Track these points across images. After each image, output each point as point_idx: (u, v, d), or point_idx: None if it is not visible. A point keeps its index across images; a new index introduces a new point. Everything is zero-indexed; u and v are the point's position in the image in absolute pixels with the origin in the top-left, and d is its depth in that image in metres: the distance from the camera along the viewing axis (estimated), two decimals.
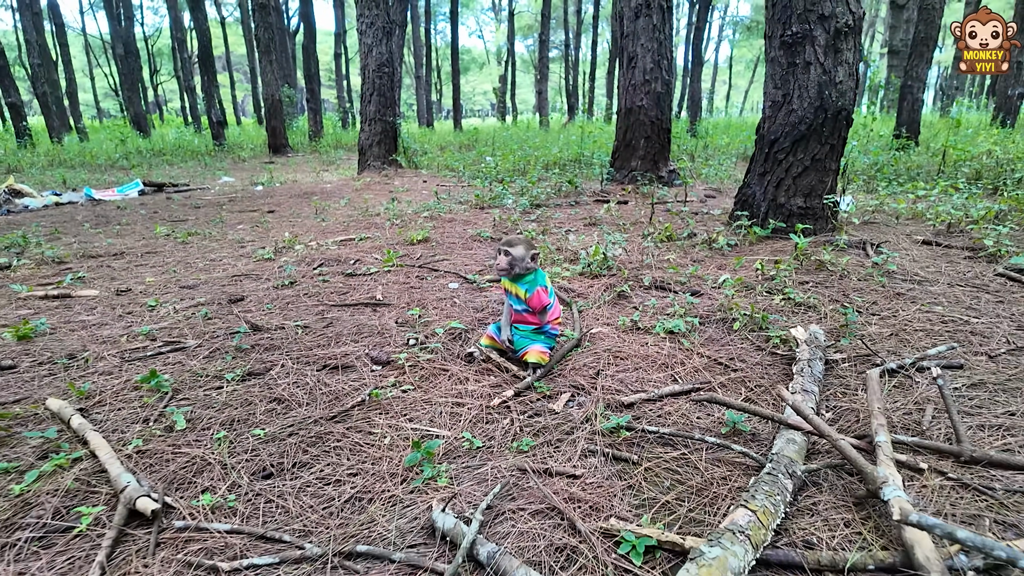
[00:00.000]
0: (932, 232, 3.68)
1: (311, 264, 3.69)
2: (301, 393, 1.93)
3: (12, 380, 2.10)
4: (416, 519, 1.32)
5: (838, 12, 3.21)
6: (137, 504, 1.34)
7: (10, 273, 3.76)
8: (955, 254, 3.25)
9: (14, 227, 5.45)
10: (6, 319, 2.79)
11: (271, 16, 14.70)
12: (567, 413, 1.78)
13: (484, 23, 67.01)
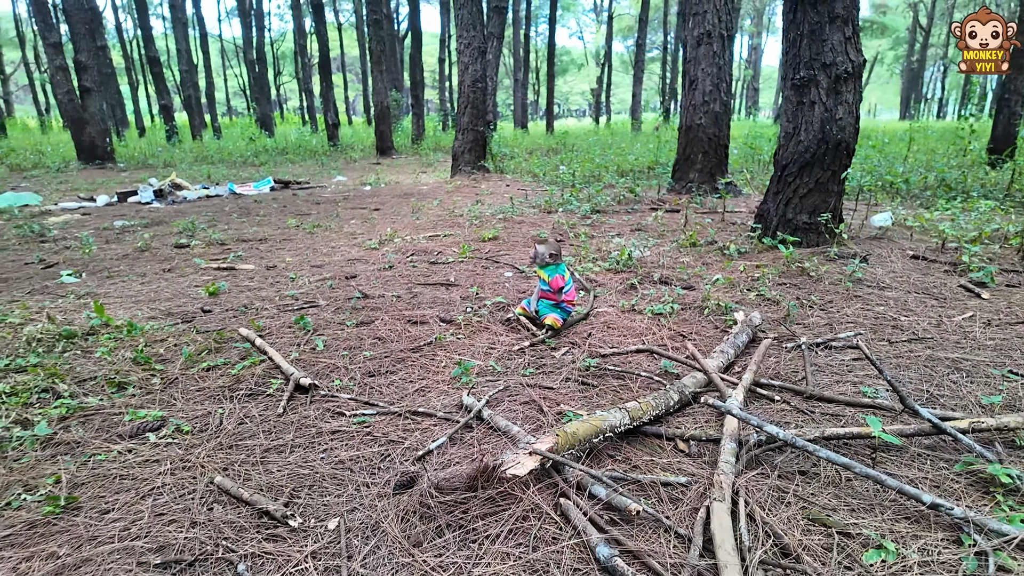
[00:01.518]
0: (928, 248, 4.18)
1: (405, 253, 4.77)
2: (393, 335, 2.94)
3: (212, 318, 3.27)
4: (453, 400, 2.27)
5: (838, 61, 3.83)
6: (300, 382, 2.38)
7: (190, 250, 5.12)
8: (936, 268, 3.79)
9: (181, 215, 6.99)
10: (198, 281, 4.05)
11: (383, 30, 16.30)
12: (561, 359, 2.67)
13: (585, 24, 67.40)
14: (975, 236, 4.10)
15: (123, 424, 2.13)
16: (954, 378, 2.33)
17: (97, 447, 2.00)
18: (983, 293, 3.27)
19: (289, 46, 48.57)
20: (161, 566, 1.45)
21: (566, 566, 1.43)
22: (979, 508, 1.58)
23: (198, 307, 3.46)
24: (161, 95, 20.91)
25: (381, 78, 16.35)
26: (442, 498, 1.62)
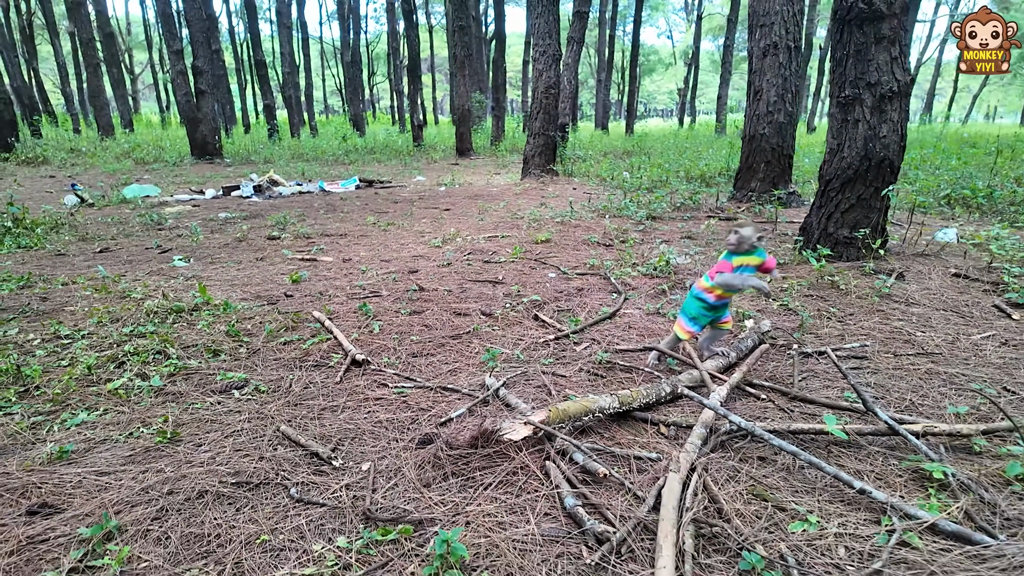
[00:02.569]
0: (976, 267, 4.15)
1: (464, 252, 5.22)
2: (438, 324, 3.38)
3: (292, 302, 3.84)
4: (478, 381, 2.67)
5: (883, 80, 3.89)
6: (356, 358, 2.86)
7: (280, 242, 5.81)
8: (975, 287, 3.79)
9: (275, 209, 7.80)
10: (284, 270, 4.67)
11: (468, 36, 16.98)
12: (580, 352, 3.00)
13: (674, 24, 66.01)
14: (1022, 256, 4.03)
15: (215, 382, 2.68)
16: (943, 391, 2.47)
17: (195, 398, 2.55)
18: (1015, 314, 3.30)
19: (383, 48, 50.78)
20: (235, 484, 1.94)
21: (539, 510, 1.79)
22: (910, 498, 1.80)
23: (282, 292, 4.05)
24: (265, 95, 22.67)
25: (464, 82, 17.04)
26: (451, 452, 2.02)
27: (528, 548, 1.63)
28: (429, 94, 59.50)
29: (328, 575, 1.53)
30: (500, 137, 20.47)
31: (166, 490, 1.90)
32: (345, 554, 1.61)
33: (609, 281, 4.18)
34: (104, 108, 19.15)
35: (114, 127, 19.84)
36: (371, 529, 1.70)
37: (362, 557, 1.60)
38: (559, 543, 1.65)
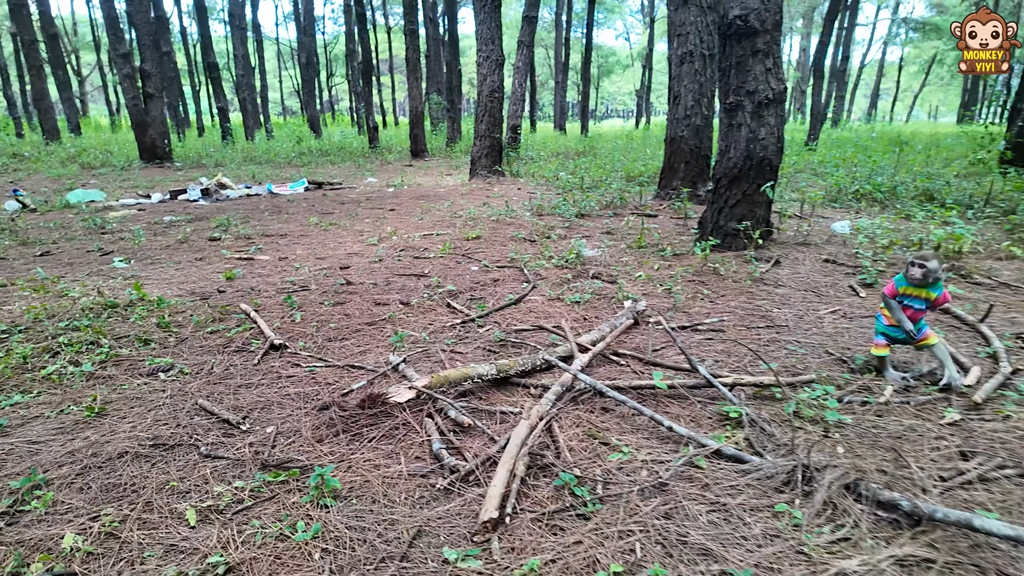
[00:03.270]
0: (848, 254, 4.68)
1: (397, 249, 5.55)
2: (358, 313, 3.72)
3: (224, 297, 4.11)
4: (384, 359, 3.02)
5: (760, 88, 4.39)
6: (274, 343, 3.18)
7: (221, 243, 6.04)
8: (840, 271, 4.31)
9: (221, 212, 7.98)
10: (221, 269, 4.92)
11: (418, 40, 17.25)
12: (482, 333, 3.38)
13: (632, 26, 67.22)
14: (887, 244, 4.58)
15: (143, 367, 2.97)
16: (775, 354, 2.93)
17: (124, 381, 2.83)
18: (862, 292, 3.81)
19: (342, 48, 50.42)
20: (152, 446, 2.25)
21: (411, 455, 2.15)
22: (709, 433, 2.22)
23: (215, 288, 4.32)
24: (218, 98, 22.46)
25: (416, 84, 17.30)
26: (342, 414, 2.37)
27: (395, 482, 2.00)
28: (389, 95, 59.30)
29: (223, 507, 1.87)
30: (456, 138, 20.77)
31: (90, 453, 2.20)
32: (240, 492, 1.94)
33: (523, 272, 4.57)
34: (49, 111, 18.77)
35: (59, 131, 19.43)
36: (265, 473, 2.03)
37: (254, 493, 1.94)
38: (422, 477, 2.02)
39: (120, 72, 14.90)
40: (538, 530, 1.73)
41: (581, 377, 2.44)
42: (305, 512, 1.83)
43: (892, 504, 1.70)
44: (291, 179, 11.94)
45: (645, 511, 1.79)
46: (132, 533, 1.74)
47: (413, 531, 1.74)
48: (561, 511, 1.81)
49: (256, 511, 1.85)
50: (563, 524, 1.76)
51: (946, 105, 68.71)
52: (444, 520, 1.79)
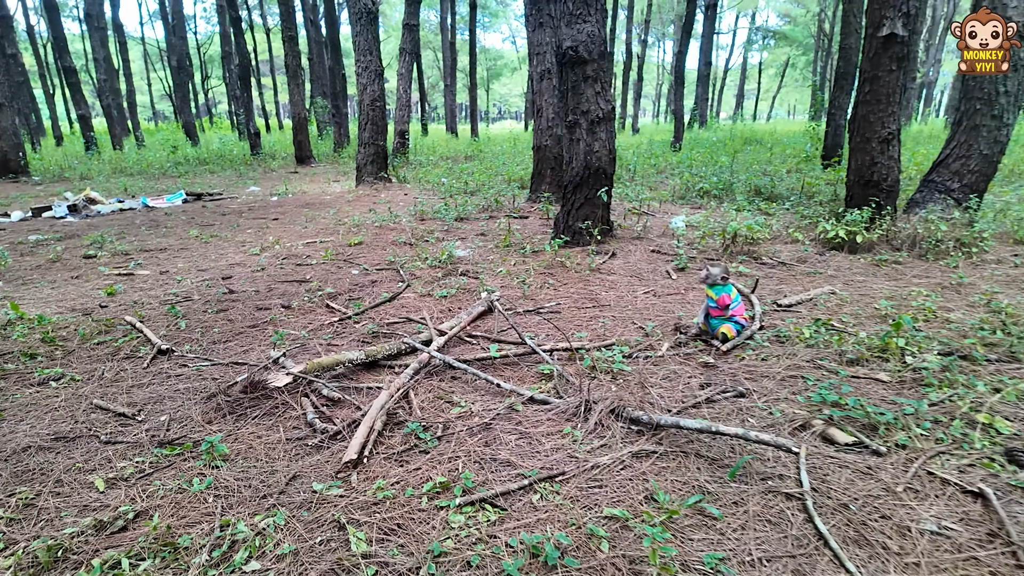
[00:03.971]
0: (669, 245, 5.63)
1: (279, 258, 5.88)
2: (241, 317, 4.08)
3: (107, 311, 4.31)
4: (266, 355, 3.44)
5: (592, 109, 5.20)
6: (161, 348, 3.50)
7: (97, 260, 6.05)
8: (663, 259, 5.22)
9: (93, 228, 7.81)
10: (100, 285, 5.04)
11: (297, 46, 17.14)
12: (358, 328, 3.87)
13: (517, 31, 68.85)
14: (702, 234, 5.57)
15: (34, 377, 3.20)
16: (594, 327, 3.67)
17: (15, 391, 3.07)
18: (674, 276, 4.69)
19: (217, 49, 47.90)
20: (55, 440, 2.57)
21: (289, 425, 2.64)
22: (527, 386, 2.88)
23: (97, 304, 4.49)
24: (79, 105, 20.90)
25: (298, 91, 17.18)
26: (228, 399, 2.80)
27: (275, 446, 2.48)
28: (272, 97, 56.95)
29: (127, 475, 2.27)
30: (343, 144, 20.74)
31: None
32: (141, 464, 2.35)
33: (399, 273, 5.09)
34: None
35: None
36: (162, 448, 2.44)
37: (154, 464, 2.35)
38: (298, 440, 2.52)
39: None
40: (388, 464, 2.29)
41: (435, 355, 3.03)
42: (199, 471, 2.27)
43: (638, 419, 2.42)
44: (168, 191, 11.64)
45: (470, 443, 2.41)
46: (48, 502, 2.11)
47: (289, 476, 2.24)
48: (408, 450, 2.39)
49: (157, 476, 2.27)
50: (408, 459, 2.33)
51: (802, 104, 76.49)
52: (315, 467, 2.31)
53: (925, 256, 5.04)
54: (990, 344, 3.17)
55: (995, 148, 5.58)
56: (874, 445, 2.25)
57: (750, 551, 1.76)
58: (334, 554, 1.80)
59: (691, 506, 1.96)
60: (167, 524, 1.92)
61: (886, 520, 1.88)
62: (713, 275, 3.26)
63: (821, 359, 3.04)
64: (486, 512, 1.98)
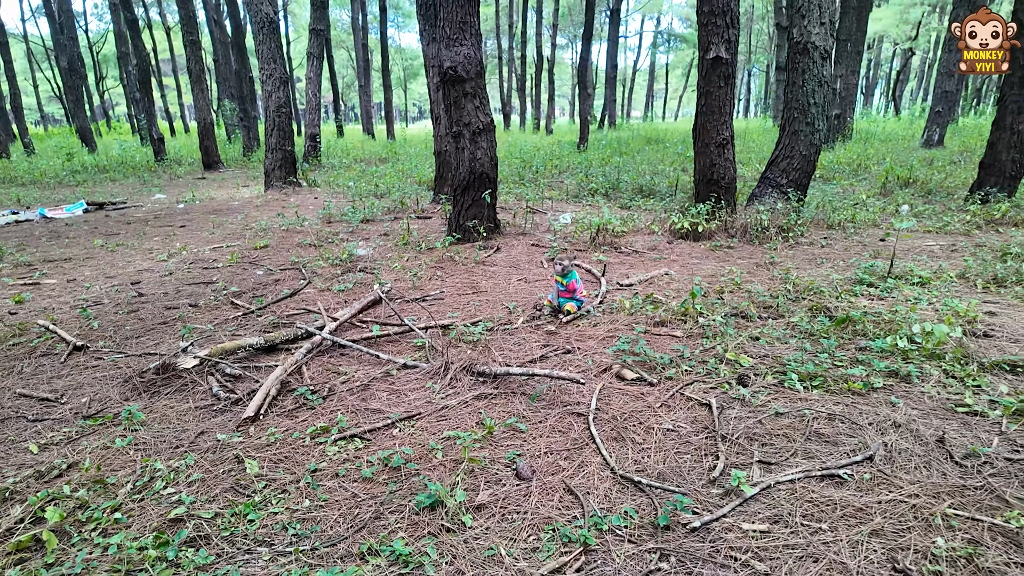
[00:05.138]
0: (548, 239, 6.44)
1: (187, 262, 6.22)
2: (150, 316, 4.49)
3: (18, 317, 4.59)
4: (175, 346, 3.90)
5: (473, 121, 5.91)
6: (76, 344, 3.89)
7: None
8: (541, 252, 5.99)
9: None
10: (6, 295, 5.25)
11: (200, 50, 16.91)
12: (260, 321, 4.37)
13: None
14: (575, 229, 6.40)
15: None
16: (468, 309, 4.37)
17: None
18: (546, 265, 5.46)
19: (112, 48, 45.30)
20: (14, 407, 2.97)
21: (198, 398, 3.16)
22: (402, 356, 3.53)
23: (6, 311, 4.74)
24: None
25: (203, 96, 16.96)
26: (142, 380, 3.28)
27: (185, 412, 3.00)
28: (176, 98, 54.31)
29: (57, 441, 2.73)
30: (253, 147, 20.52)
31: None
32: (69, 433, 2.81)
33: (301, 272, 5.60)
34: None
35: None
36: (87, 420, 2.91)
37: (79, 431, 2.82)
38: (205, 407, 3.05)
39: None
40: (280, 419, 2.88)
41: (326, 336, 3.62)
42: (120, 434, 2.77)
43: (483, 372, 3.13)
44: (66, 201, 11.40)
45: (350, 400, 3.04)
46: None
47: (198, 432, 2.79)
48: (297, 408, 2.98)
49: (83, 440, 2.75)
50: (297, 414, 2.93)
51: None
52: (219, 425, 2.86)
53: (752, 241, 6.08)
54: (768, 306, 4.12)
55: (811, 150, 6.74)
56: (649, 378, 3.06)
57: (541, 449, 2.49)
58: (234, 477, 2.38)
59: (508, 425, 2.67)
60: (97, 466, 2.44)
61: (640, 425, 2.67)
62: (566, 267, 4.03)
63: (636, 323, 3.87)
64: (355, 443, 2.62)
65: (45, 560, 1.90)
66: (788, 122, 6.75)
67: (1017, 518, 1.98)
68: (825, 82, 6.40)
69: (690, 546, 1.91)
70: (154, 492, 2.30)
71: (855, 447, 2.43)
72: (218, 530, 2.05)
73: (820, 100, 6.48)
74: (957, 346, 3.16)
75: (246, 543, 1.99)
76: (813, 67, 6.33)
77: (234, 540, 2.01)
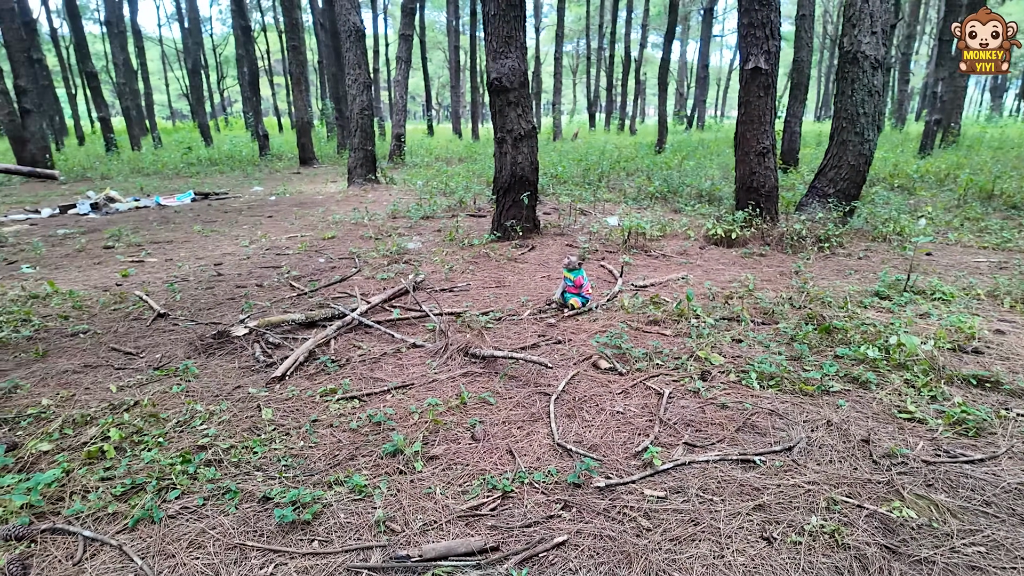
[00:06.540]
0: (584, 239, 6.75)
1: (264, 249, 7.08)
2: (223, 294, 5.28)
3: (122, 288, 5.53)
4: (236, 317, 4.62)
5: (515, 128, 6.33)
6: (160, 312, 4.70)
7: (115, 250, 7.30)
8: (573, 251, 6.33)
9: (112, 224, 9.08)
10: (117, 269, 6.27)
11: (301, 55, 18.41)
12: (310, 301, 5.04)
13: None
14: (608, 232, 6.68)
15: (67, 332, 4.41)
16: (487, 302, 4.81)
17: (55, 340, 4.27)
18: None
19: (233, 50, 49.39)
20: (84, 367, 3.76)
21: (243, 359, 3.81)
22: (416, 337, 4.03)
23: (114, 283, 5.71)
24: (99, 107, 22.35)
25: (301, 97, 18.44)
26: (202, 343, 3.99)
27: (231, 370, 3.65)
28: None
29: (131, 385, 3.45)
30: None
31: (39, 373, 3.69)
32: (140, 380, 3.53)
33: (355, 261, 6.27)
34: None
35: None
36: (156, 371, 3.63)
37: (148, 379, 3.53)
38: (246, 367, 3.69)
39: None
40: (301, 380, 3.46)
41: (354, 316, 4.20)
42: (176, 383, 3.46)
43: (475, 354, 3.57)
44: (179, 190, 12.91)
45: (361, 369, 3.57)
46: (80, 397, 3.31)
47: (235, 386, 3.42)
48: (316, 374, 3.56)
49: (149, 385, 3.45)
50: (316, 378, 3.50)
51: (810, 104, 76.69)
52: (253, 382, 3.48)
53: (785, 250, 6.12)
54: (766, 312, 4.27)
55: (860, 160, 6.63)
56: (620, 369, 3.38)
57: (501, 419, 2.90)
58: (252, 420, 2.97)
59: (480, 398, 3.10)
60: (153, 403, 3.11)
61: (595, 406, 3.01)
62: (572, 263, 4.39)
63: (631, 321, 4.16)
64: (354, 403, 3.14)
65: (104, 465, 2.55)
66: (836, 131, 6.67)
67: (900, 508, 2.17)
68: (876, 91, 6.29)
69: (591, 501, 2.27)
70: (191, 427, 2.92)
71: (781, 439, 2.66)
72: (229, 457, 2.62)
73: (870, 110, 6.38)
74: (926, 359, 3.24)
75: (247, 468, 2.55)
76: (863, 76, 6.24)
77: (239, 465, 2.57)
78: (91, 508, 2.25)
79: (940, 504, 2.20)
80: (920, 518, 2.13)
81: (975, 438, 2.64)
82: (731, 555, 1.98)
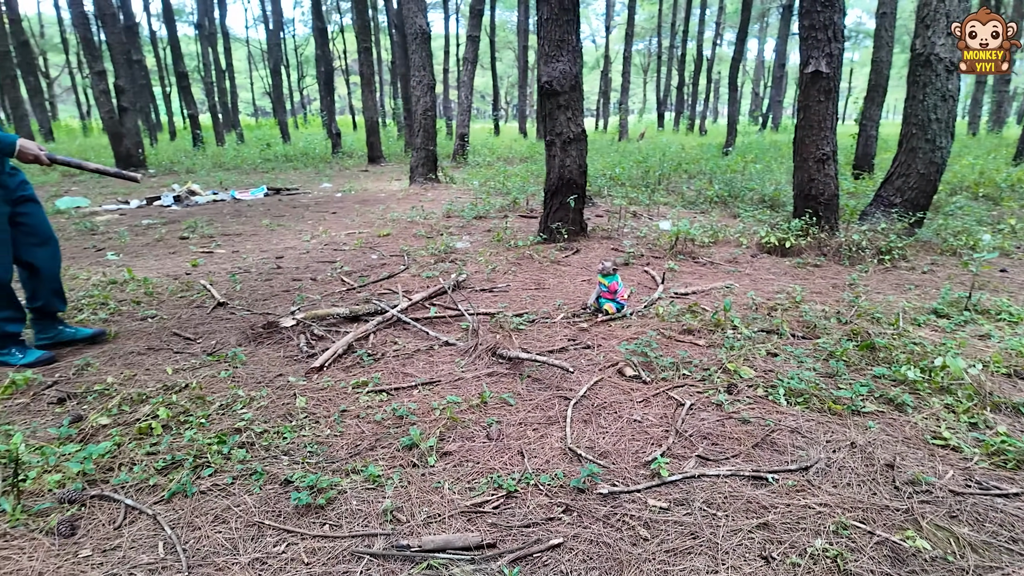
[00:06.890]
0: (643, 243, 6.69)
1: (323, 244, 7.42)
2: (279, 286, 5.59)
3: (191, 277, 5.95)
4: (287, 309, 4.90)
5: (564, 131, 6.35)
6: (220, 301, 5.03)
7: (189, 241, 7.84)
8: (619, 255, 6.30)
9: (190, 216, 9.74)
10: (188, 259, 6.74)
11: (371, 56, 19.03)
12: (356, 296, 5.27)
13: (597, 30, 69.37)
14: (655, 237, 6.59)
15: (138, 315, 4.81)
16: (524, 303, 4.88)
17: (127, 323, 4.67)
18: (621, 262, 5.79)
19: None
20: (148, 349, 4.10)
21: (289, 348, 4.05)
22: (450, 335, 4.14)
23: (184, 272, 6.15)
24: (189, 105, 23.88)
25: (371, 96, 19.08)
26: (254, 332, 4.25)
27: (276, 359, 3.89)
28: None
29: (185, 368, 3.74)
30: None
31: (112, 353, 4.05)
32: (195, 364, 3.81)
33: (404, 259, 6.48)
34: (23, 119, 20.06)
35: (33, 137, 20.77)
36: (208, 356, 3.91)
37: (201, 363, 3.81)
38: (289, 356, 3.91)
39: (95, 88, 16.41)
40: (339, 372, 3.65)
41: (393, 312, 4.37)
42: (225, 368, 3.71)
43: (503, 355, 3.65)
44: (254, 185, 13.65)
45: (393, 364, 3.72)
46: (140, 377, 3.61)
47: (277, 373, 3.64)
48: (352, 366, 3.73)
49: (201, 369, 3.73)
50: (351, 370, 3.68)
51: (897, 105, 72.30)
52: (294, 371, 3.69)
53: (843, 262, 5.86)
54: (808, 326, 4.13)
55: (931, 168, 6.25)
56: (645, 376, 3.37)
57: (518, 420, 2.97)
58: (287, 407, 3.17)
59: (501, 399, 3.18)
60: (201, 387, 3.37)
61: (613, 413, 3.02)
62: (607, 268, 4.40)
63: (665, 330, 4.12)
64: (382, 396, 3.29)
65: (150, 440, 2.79)
66: (905, 138, 6.31)
67: (914, 538, 2.09)
68: (950, 96, 5.90)
69: (593, 507, 2.30)
70: (232, 410, 3.15)
71: (799, 458, 2.60)
72: (261, 440, 2.82)
73: (943, 116, 5.99)
74: (972, 383, 3.06)
75: (276, 452, 2.73)
76: (936, 80, 5.87)
77: (269, 448, 2.76)
78: (135, 479, 2.48)
79: (961, 537, 2.10)
80: (935, 550, 2.04)
81: (1014, 471, 2.48)
82: (725, 571, 1.97)
